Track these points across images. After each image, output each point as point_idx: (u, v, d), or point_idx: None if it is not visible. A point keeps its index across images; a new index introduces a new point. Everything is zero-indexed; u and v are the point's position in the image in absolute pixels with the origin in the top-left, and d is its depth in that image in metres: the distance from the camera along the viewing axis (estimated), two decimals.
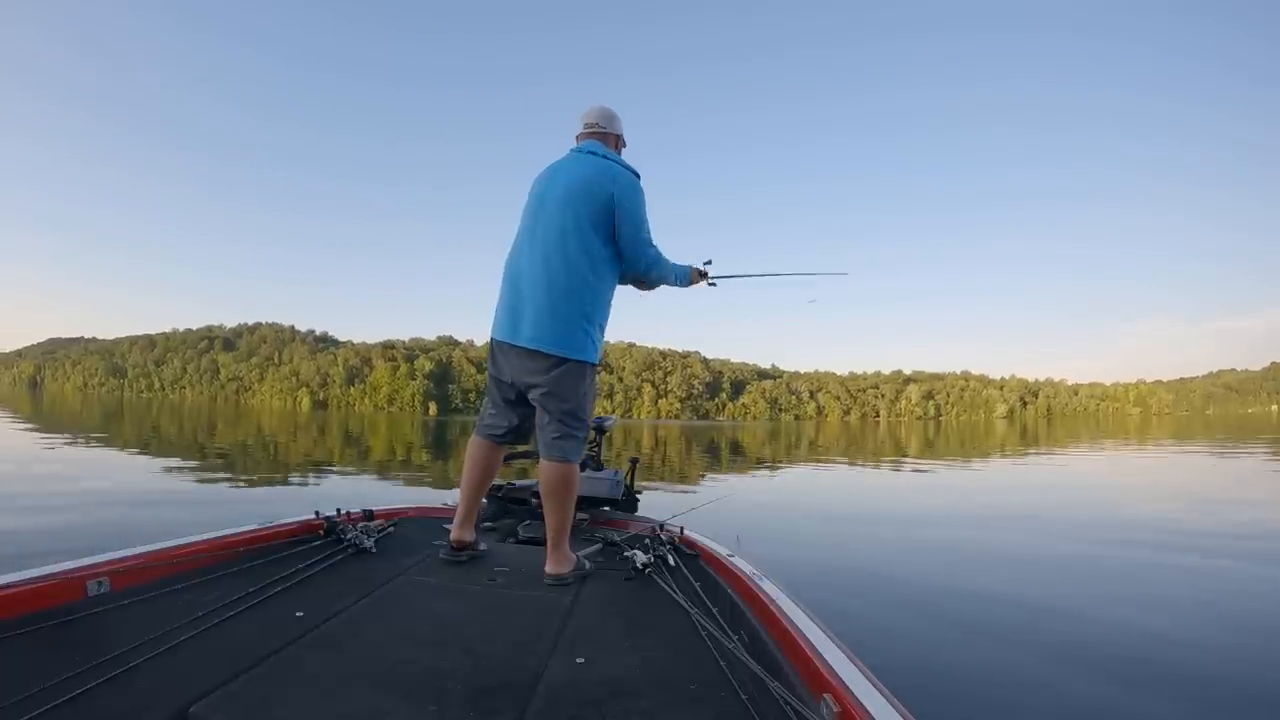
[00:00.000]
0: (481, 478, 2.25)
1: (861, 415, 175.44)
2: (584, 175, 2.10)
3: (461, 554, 2.16)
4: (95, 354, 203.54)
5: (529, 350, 2.05)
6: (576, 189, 2.08)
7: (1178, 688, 2.58)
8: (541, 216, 2.11)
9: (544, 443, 2.11)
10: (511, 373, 2.14)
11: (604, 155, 2.18)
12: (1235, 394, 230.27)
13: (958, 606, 3.62)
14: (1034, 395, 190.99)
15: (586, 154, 2.18)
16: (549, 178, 2.17)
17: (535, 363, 2.06)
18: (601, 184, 2.08)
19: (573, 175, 2.11)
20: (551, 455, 2.08)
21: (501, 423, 2.23)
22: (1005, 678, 2.68)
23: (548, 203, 2.11)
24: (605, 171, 2.11)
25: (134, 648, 1.33)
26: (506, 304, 2.13)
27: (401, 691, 1.26)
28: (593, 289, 2.08)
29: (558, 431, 2.08)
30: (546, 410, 2.09)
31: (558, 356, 2.04)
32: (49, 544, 4.20)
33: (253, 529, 2.16)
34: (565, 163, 2.19)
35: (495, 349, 2.18)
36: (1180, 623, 3.35)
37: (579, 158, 2.18)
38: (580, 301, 2.05)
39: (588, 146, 2.21)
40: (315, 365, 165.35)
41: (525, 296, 2.07)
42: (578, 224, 2.06)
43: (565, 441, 2.08)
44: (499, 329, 2.14)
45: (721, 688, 1.32)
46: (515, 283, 2.11)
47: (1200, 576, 4.35)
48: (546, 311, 2.03)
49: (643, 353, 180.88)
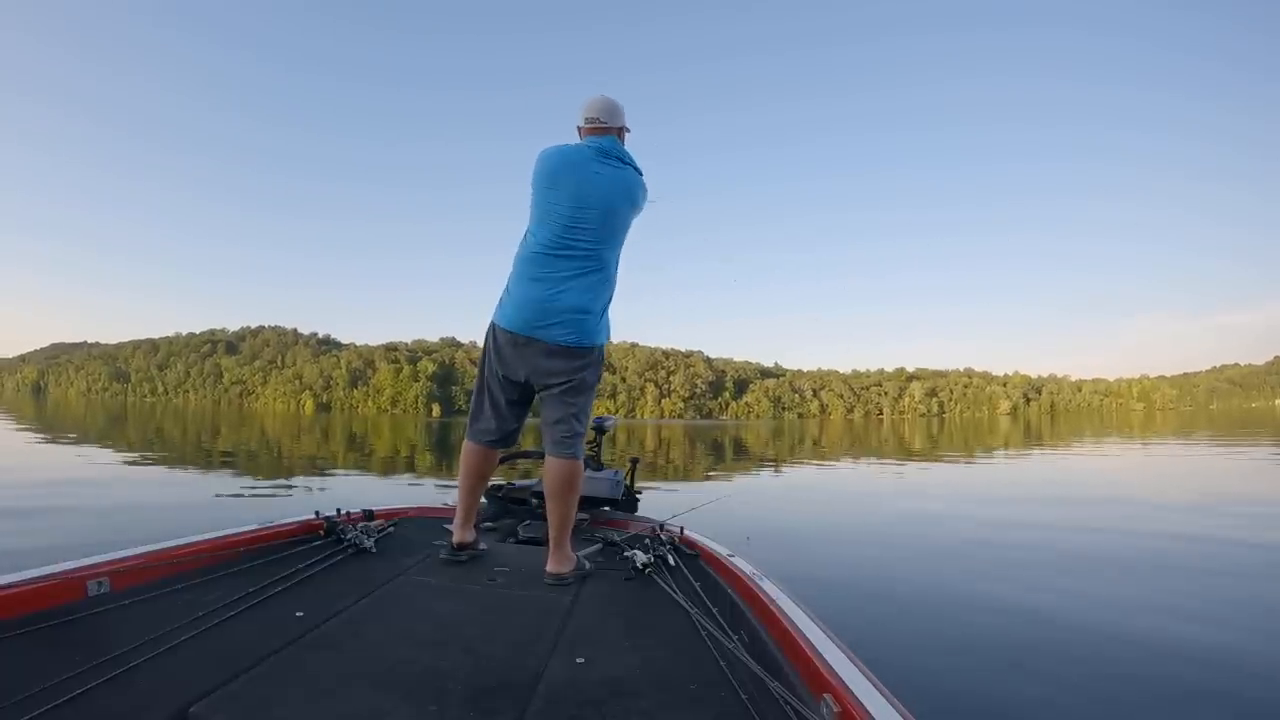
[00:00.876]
0: (479, 483, 2.25)
1: (865, 413, 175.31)
2: (624, 183, 2.11)
3: (462, 554, 2.17)
4: (98, 359, 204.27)
5: (555, 346, 2.04)
6: (625, 203, 2.11)
7: (1178, 688, 2.57)
8: (586, 221, 2.04)
9: (553, 440, 2.09)
10: (526, 370, 2.10)
11: (632, 164, 2.17)
12: (1239, 388, 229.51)
13: (958, 606, 3.61)
14: (1037, 392, 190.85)
15: (614, 158, 2.11)
16: (584, 176, 2.05)
17: (561, 358, 2.06)
18: (634, 192, 2.14)
19: (619, 188, 2.09)
20: (563, 453, 2.08)
21: (502, 426, 2.20)
22: (1005, 678, 2.67)
23: (590, 205, 2.03)
24: (636, 181, 2.15)
25: (134, 648, 1.33)
26: (528, 297, 2.04)
27: (401, 691, 1.26)
28: (614, 286, 2.18)
29: (568, 430, 2.08)
30: (562, 406, 2.09)
31: (586, 347, 2.07)
32: (49, 544, 4.21)
33: (253, 529, 2.16)
34: (600, 168, 2.07)
35: (507, 342, 2.09)
36: (1182, 622, 3.34)
37: (612, 166, 2.10)
38: (604, 300, 2.13)
39: (611, 148, 2.13)
40: (318, 368, 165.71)
41: (560, 293, 2.03)
42: (619, 228, 2.13)
43: (576, 440, 2.09)
44: (516, 321, 2.05)
45: (721, 688, 1.31)
46: (540, 276, 2.05)
47: (1206, 575, 4.32)
48: (577, 309, 2.03)
49: (646, 352, 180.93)
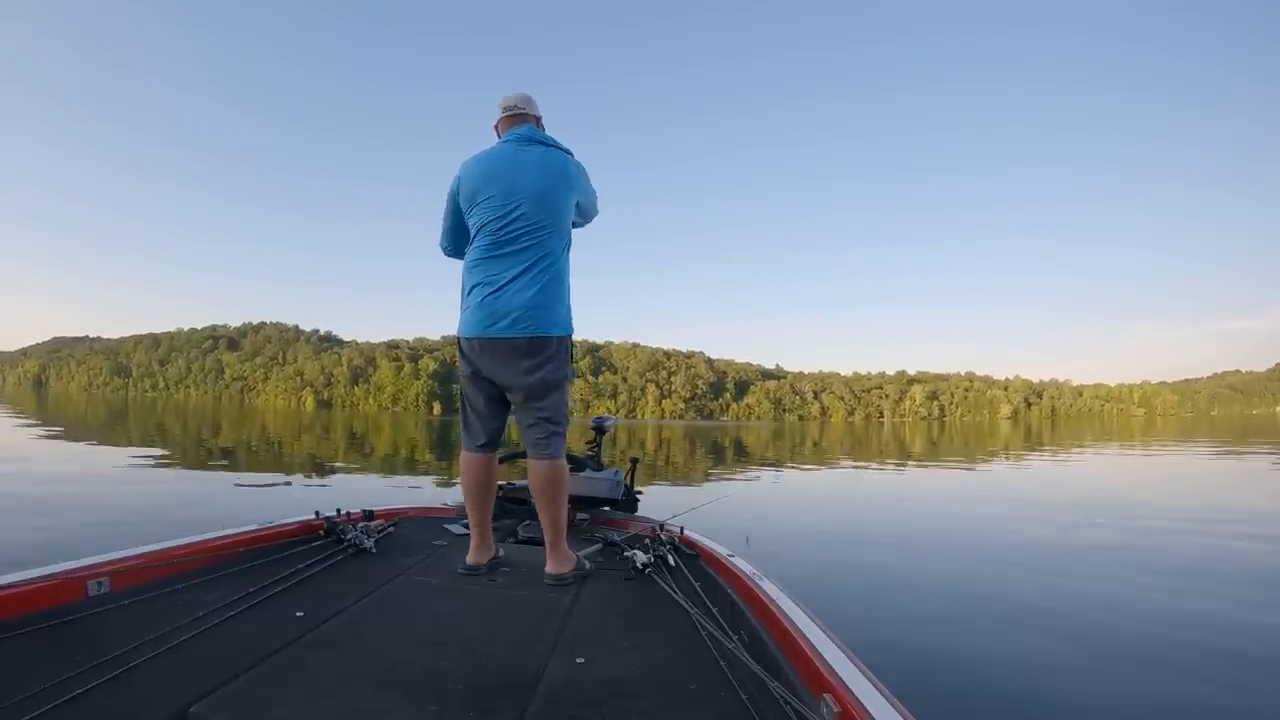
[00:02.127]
0: (486, 495, 2.16)
1: (866, 416, 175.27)
2: (559, 168, 2.11)
3: (479, 570, 2.09)
4: (100, 353, 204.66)
5: (513, 340, 2.01)
6: (557, 182, 2.09)
7: (1177, 687, 2.57)
8: (522, 211, 2.04)
9: (531, 442, 2.08)
10: (490, 369, 2.09)
11: (553, 143, 2.18)
12: (1240, 395, 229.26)
13: (958, 607, 3.61)
14: (1038, 396, 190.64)
15: (536, 142, 2.14)
16: (511, 169, 2.08)
17: (521, 356, 2.03)
18: (566, 170, 2.13)
19: (548, 169, 2.08)
20: (540, 454, 2.06)
21: (487, 427, 2.17)
22: (1005, 678, 2.67)
23: (526, 196, 2.05)
24: (569, 163, 2.15)
25: (134, 648, 1.33)
26: (482, 301, 2.05)
27: (401, 691, 1.26)
28: (568, 270, 2.14)
29: (543, 431, 2.07)
30: (530, 411, 2.07)
31: (541, 338, 2.03)
32: (49, 544, 4.20)
33: (253, 529, 2.17)
34: (522, 155, 2.10)
35: (469, 350, 2.11)
36: (1181, 622, 3.33)
37: (533, 148, 2.12)
38: (555, 290, 2.08)
39: (529, 134, 2.16)
40: (319, 365, 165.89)
41: (507, 289, 2.02)
42: (563, 216, 2.11)
43: (552, 439, 2.08)
44: (474, 327, 2.06)
45: (721, 688, 1.31)
46: (486, 280, 2.05)
47: (1205, 576, 4.31)
48: (531, 300, 2.01)
49: (647, 353, 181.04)
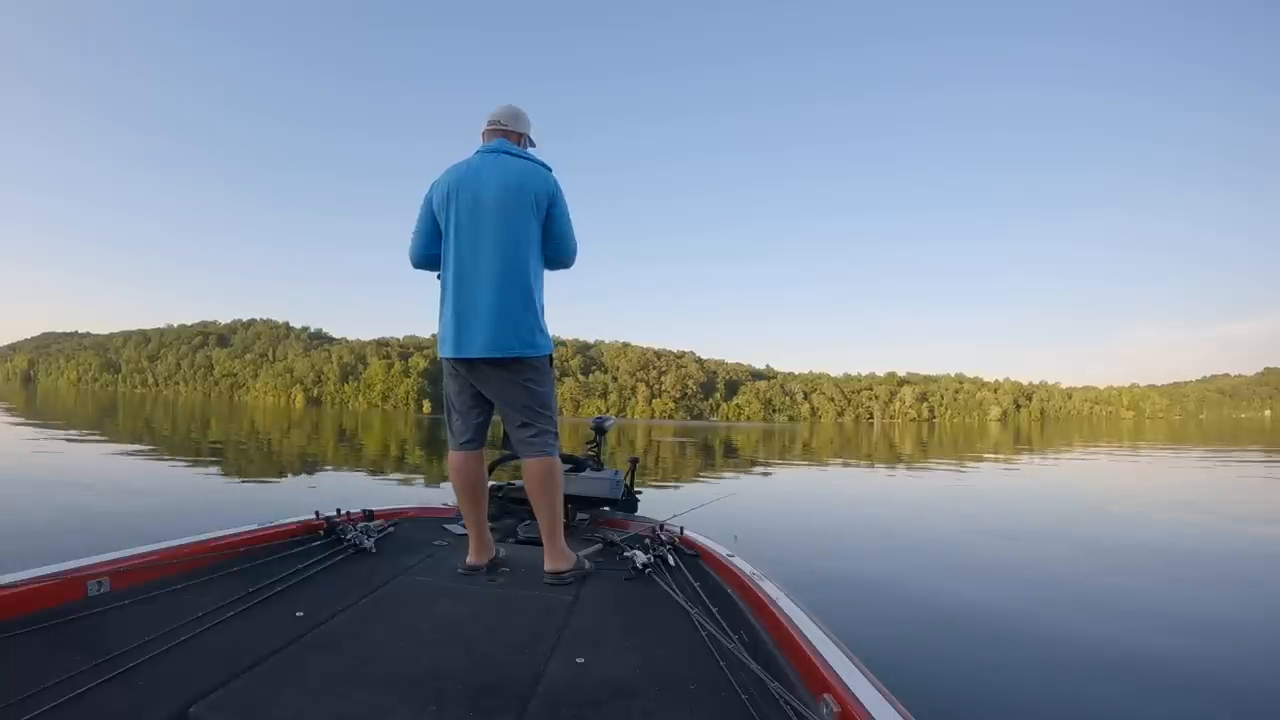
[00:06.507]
0: (478, 495, 2.15)
1: (855, 417, 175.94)
2: (518, 175, 2.06)
3: (479, 570, 2.10)
4: (89, 349, 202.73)
5: (490, 360, 2.02)
6: (514, 190, 2.04)
7: (1175, 686, 2.60)
8: (483, 221, 2.03)
9: (520, 441, 2.09)
10: (473, 379, 2.10)
11: (521, 155, 2.16)
12: (1228, 399, 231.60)
13: (957, 607, 3.64)
14: (1027, 398, 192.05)
15: (505, 154, 2.12)
16: (474, 180, 2.06)
17: (498, 370, 2.04)
18: (534, 183, 2.07)
19: (506, 176, 2.05)
20: (531, 453, 2.08)
21: (468, 424, 2.16)
22: (1004, 678, 2.69)
23: (486, 206, 2.03)
24: (534, 172, 2.10)
25: (134, 648, 1.32)
26: (456, 318, 2.03)
27: (401, 691, 1.26)
28: (538, 286, 2.09)
29: (534, 430, 2.08)
30: (517, 411, 2.07)
31: (522, 359, 2.02)
32: (49, 544, 4.17)
33: (253, 529, 2.16)
34: (487, 165, 2.09)
35: (448, 368, 2.12)
36: (1178, 623, 3.37)
37: (500, 159, 2.10)
38: (532, 301, 2.04)
39: (500, 146, 2.14)
40: (309, 362, 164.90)
41: (480, 306, 2.00)
42: (524, 224, 2.04)
43: (542, 437, 2.09)
44: (451, 346, 2.05)
45: (721, 688, 1.32)
46: (466, 294, 2.03)
47: (1200, 581, 4.36)
48: (505, 317, 1.99)
49: (637, 352, 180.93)
